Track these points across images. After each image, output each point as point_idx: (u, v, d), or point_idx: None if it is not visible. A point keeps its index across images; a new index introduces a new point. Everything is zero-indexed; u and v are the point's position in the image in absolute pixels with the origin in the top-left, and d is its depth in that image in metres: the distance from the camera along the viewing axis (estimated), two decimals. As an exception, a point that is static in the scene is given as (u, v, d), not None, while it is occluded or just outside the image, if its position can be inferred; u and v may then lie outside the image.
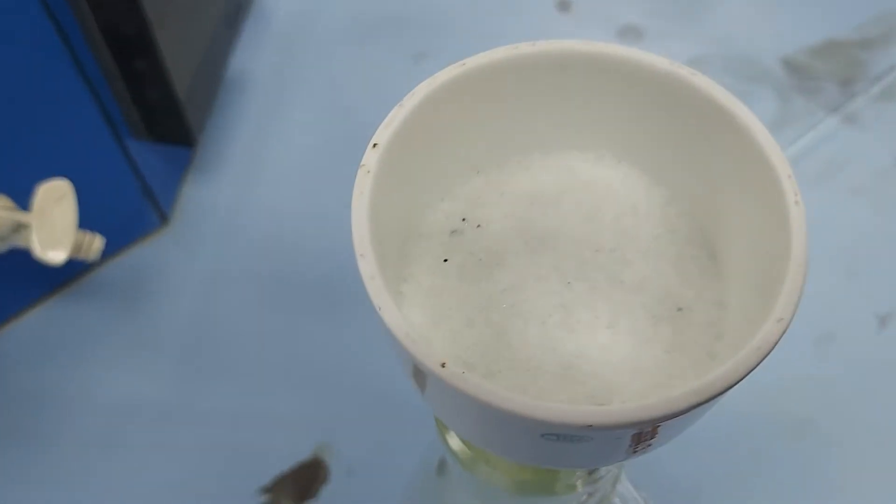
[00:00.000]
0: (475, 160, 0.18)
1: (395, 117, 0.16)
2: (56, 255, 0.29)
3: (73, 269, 0.41)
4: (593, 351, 0.16)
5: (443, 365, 0.13)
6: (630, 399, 0.15)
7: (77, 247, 0.30)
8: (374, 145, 0.15)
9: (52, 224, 0.29)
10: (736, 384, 0.13)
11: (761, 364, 0.16)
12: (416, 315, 0.16)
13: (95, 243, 0.31)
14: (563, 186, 0.18)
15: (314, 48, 0.49)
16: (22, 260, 0.37)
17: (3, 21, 0.30)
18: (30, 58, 0.31)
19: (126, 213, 0.40)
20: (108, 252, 0.41)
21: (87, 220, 0.38)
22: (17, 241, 0.30)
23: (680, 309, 0.16)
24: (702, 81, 0.16)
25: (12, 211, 0.29)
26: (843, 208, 0.44)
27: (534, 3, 0.51)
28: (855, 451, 0.37)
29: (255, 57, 0.48)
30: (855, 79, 0.48)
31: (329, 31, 0.49)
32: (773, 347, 0.13)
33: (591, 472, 0.19)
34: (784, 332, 0.14)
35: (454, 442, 0.21)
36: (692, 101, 0.17)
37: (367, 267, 0.14)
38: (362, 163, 0.15)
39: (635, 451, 0.14)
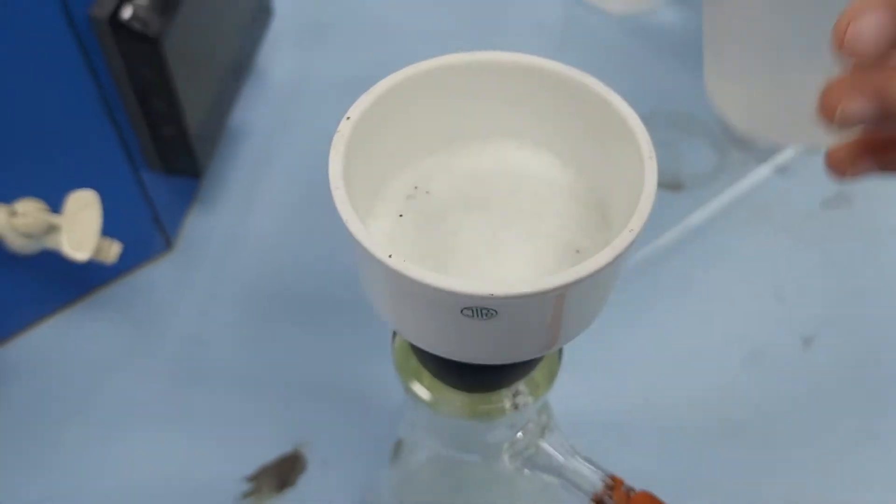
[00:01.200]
0: (427, 143, 0.23)
1: (365, 100, 0.21)
2: (81, 254, 0.34)
3: (85, 286, 0.45)
4: (511, 276, 0.21)
5: (389, 256, 0.18)
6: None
7: (98, 249, 0.36)
8: (348, 118, 0.21)
9: (79, 227, 0.34)
10: (595, 272, 0.18)
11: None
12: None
13: (113, 248, 0.36)
14: (496, 166, 0.24)
15: (305, 103, 0.55)
16: (41, 275, 0.42)
17: (46, 62, 0.36)
18: (65, 95, 0.37)
19: (136, 236, 0.45)
20: (118, 271, 0.46)
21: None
22: (48, 243, 0.35)
23: (577, 251, 0.22)
24: (592, 81, 0.22)
25: (46, 213, 0.34)
26: (774, 245, 0.49)
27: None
28: (779, 454, 0.42)
29: (254, 110, 0.54)
30: (784, 135, 0.54)
31: (318, 89, 0.56)
32: (624, 248, 0.18)
33: (515, 395, 0.24)
34: (633, 240, 0.19)
35: (418, 387, 0.26)
36: (588, 98, 0.22)
37: (339, 194, 0.19)
38: (338, 129, 0.20)
39: (550, 335, 0.19)
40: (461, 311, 0.18)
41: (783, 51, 0.32)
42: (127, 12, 0.36)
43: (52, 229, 0.34)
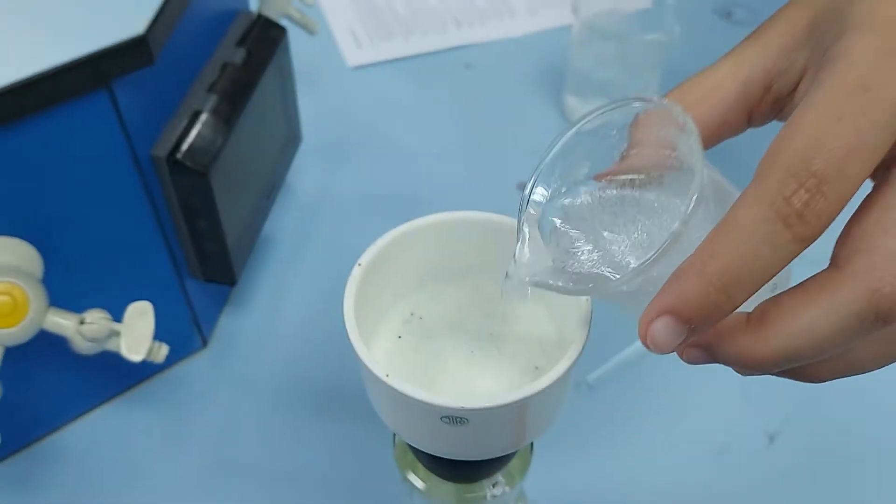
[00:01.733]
0: (421, 279, 0.30)
1: (372, 249, 0.28)
2: (136, 356, 0.41)
3: (131, 380, 0.52)
4: (482, 390, 0.27)
5: (386, 375, 0.24)
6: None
7: (149, 351, 0.42)
8: (359, 265, 0.27)
9: (136, 333, 0.41)
10: (547, 388, 0.24)
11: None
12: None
13: (162, 350, 0.43)
14: (473, 296, 0.30)
15: (327, 215, 0.62)
16: (95, 371, 0.49)
17: (115, 192, 0.43)
18: (129, 219, 0.44)
19: (178, 336, 0.52)
20: (160, 367, 0.53)
21: (149, 340, 0.50)
22: (108, 346, 0.41)
23: (536, 368, 0.28)
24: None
25: (110, 321, 0.40)
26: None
27: (501, 187, 0.64)
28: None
29: (282, 221, 0.61)
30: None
31: (339, 203, 0.63)
32: (566, 371, 0.24)
33: (494, 485, 0.30)
34: (572, 364, 0.25)
35: (413, 478, 0.32)
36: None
37: (351, 325, 0.25)
38: (351, 274, 0.27)
39: (516, 435, 0.25)
40: (440, 419, 0.24)
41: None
42: (181, 152, 0.43)
43: (113, 334, 0.41)
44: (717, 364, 0.53)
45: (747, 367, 0.24)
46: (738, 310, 0.23)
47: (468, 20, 0.77)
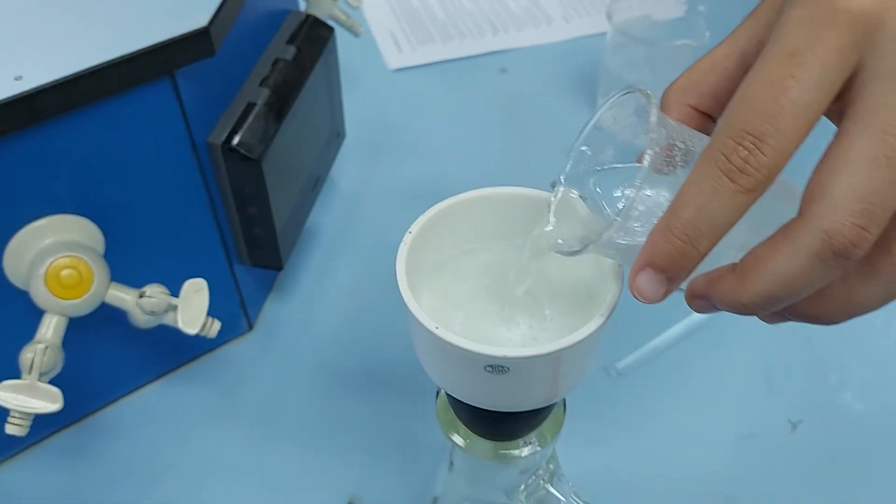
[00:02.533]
0: (463, 245, 0.32)
1: (421, 219, 0.30)
2: (192, 329, 0.43)
3: (181, 358, 0.55)
4: (519, 342, 0.29)
5: (436, 327, 0.26)
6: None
7: (204, 325, 0.45)
8: (410, 232, 0.30)
9: (192, 307, 0.44)
10: (578, 342, 0.26)
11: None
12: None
13: (215, 325, 0.45)
14: (508, 262, 0.32)
15: (367, 208, 0.65)
16: (147, 349, 0.52)
17: (173, 177, 0.46)
18: (185, 203, 0.47)
19: (226, 318, 0.54)
20: (208, 348, 0.55)
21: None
22: (165, 320, 0.44)
23: (571, 324, 0.30)
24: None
25: (168, 296, 0.43)
26: (765, 338, 0.57)
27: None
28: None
29: (324, 213, 0.64)
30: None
31: (379, 198, 0.66)
32: (597, 328, 0.27)
33: (527, 444, 0.32)
34: (603, 324, 0.27)
35: (456, 437, 0.34)
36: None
37: (403, 285, 0.28)
38: (403, 240, 0.30)
39: (551, 387, 0.27)
40: (484, 368, 0.26)
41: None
42: (236, 140, 0.46)
43: (170, 308, 0.43)
44: (741, 355, 0.55)
45: (737, 310, 0.27)
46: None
47: (504, 26, 0.80)
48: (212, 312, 0.52)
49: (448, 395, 0.32)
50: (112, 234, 0.44)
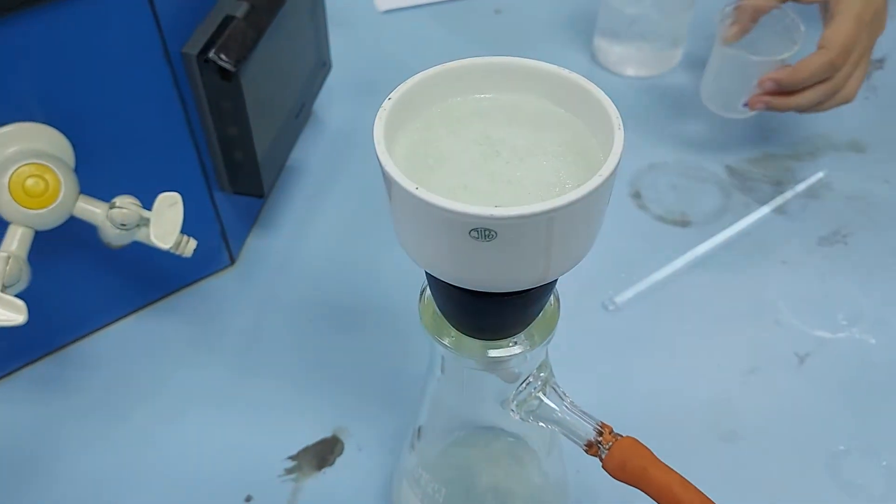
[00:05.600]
0: (444, 119, 0.29)
1: (401, 88, 0.28)
2: (165, 244, 0.41)
3: (159, 292, 0.52)
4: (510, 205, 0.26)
5: (416, 188, 0.24)
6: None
7: (178, 243, 0.42)
8: (389, 98, 0.27)
9: (165, 222, 0.41)
10: (575, 201, 0.23)
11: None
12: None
13: (190, 244, 0.43)
14: (506, 115, 0.29)
15: (355, 148, 0.62)
16: (124, 281, 0.49)
17: (145, 89, 0.43)
18: (159, 119, 0.45)
19: (206, 250, 0.52)
20: (187, 281, 0.53)
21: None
22: (138, 235, 0.42)
23: (564, 189, 0.27)
24: (579, 77, 0.28)
25: (139, 207, 0.41)
26: (773, 274, 0.54)
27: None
28: (771, 456, 0.46)
29: (310, 151, 0.61)
30: (785, 181, 0.60)
31: (367, 138, 0.63)
32: (597, 187, 0.24)
33: (516, 343, 0.30)
34: (604, 182, 0.24)
35: (445, 340, 0.31)
36: (572, 87, 0.28)
37: (381, 149, 0.25)
38: (382, 106, 0.27)
39: (543, 262, 0.25)
40: (469, 233, 0.24)
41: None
42: (213, 50, 0.44)
43: (142, 222, 0.41)
44: (746, 289, 0.54)
45: (785, 86, 0.56)
46: None
47: (498, -33, 0.77)
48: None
49: (433, 287, 0.30)
50: (82, 147, 0.42)
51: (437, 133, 0.29)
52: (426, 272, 0.29)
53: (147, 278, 0.51)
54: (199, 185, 0.49)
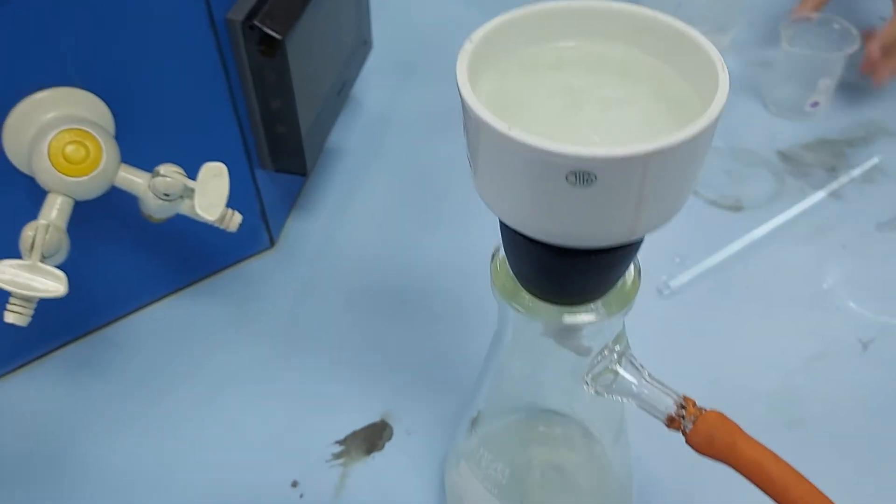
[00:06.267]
0: (525, 64, 0.27)
1: (482, 28, 0.26)
2: (210, 216, 0.39)
3: (199, 273, 0.50)
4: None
5: (509, 128, 0.22)
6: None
7: (223, 216, 0.41)
8: (470, 40, 0.26)
9: (210, 193, 0.39)
10: (678, 144, 0.22)
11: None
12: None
13: (236, 217, 0.41)
14: (595, 62, 0.27)
15: (394, 130, 0.61)
16: (163, 261, 0.48)
17: (188, 56, 0.42)
18: (201, 89, 0.43)
19: (246, 230, 0.50)
20: (227, 262, 0.51)
21: (214, 230, 0.48)
22: (181, 207, 0.40)
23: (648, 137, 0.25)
24: (671, 19, 0.26)
25: (184, 176, 0.39)
26: (832, 258, 0.52)
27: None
28: (839, 444, 0.43)
29: (350, 133, 0.60)
30: (839, 167, 0.58)
31: (406, 119, 0.61)
32: (702, 129, 0.22)
33: (592, 311, 0.28)
34: (709, 125, 0.22)
35: (515, 304, 0.29)
36: (667, 31, 0.26)
37: (466, 90, 0.24)
38: (463, 47, 0.25)
39: (635, 214, 0.23)
40: (566, 177, 0.22)
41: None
42: (259, 17, 0.42)
43: (186, 193, 0.39)
44: (806, 274, 0.52)
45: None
46: None
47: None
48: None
49: (509, 246, 0.28)
50: (121, 115, 0.40)
51: (515, 83, 0.27)
52: (502, 228, 0.28)
53: (186, 259, 0.49)
54: (240, 162, 0.47)
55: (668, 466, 0.42)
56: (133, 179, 0.39)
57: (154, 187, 0.39)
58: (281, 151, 0.48)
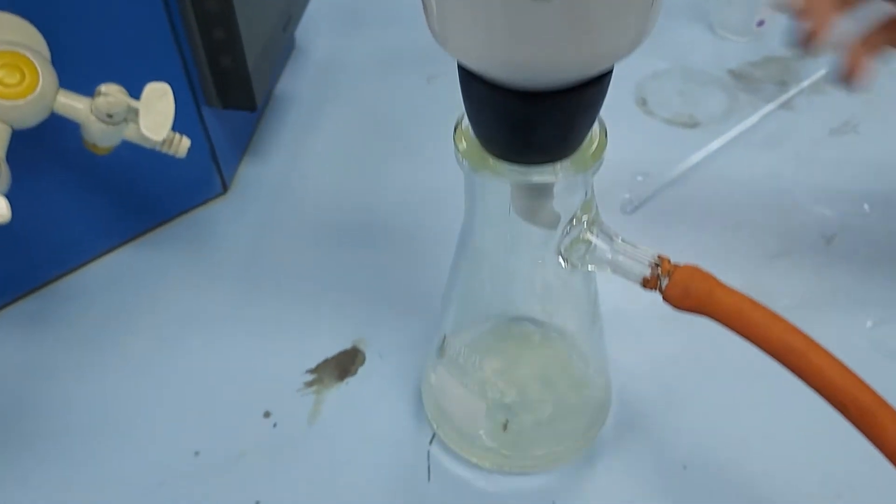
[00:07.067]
0: None
1: None
2: (157, 136, 0.38)
3: (150, 221, 0.49)
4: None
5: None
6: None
7: (170, 140, 0.39)
8: None
9: (155, 113, 0.38)
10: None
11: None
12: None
13: (184, 142, 0.40)
14: None
15: (345, 73, 0.60)
16: (113, 209, 0.46)
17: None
18: (140, 21, 0.42)
19: (197, 173, 0.49)
20: (179, 209, 0.50)
21: (164, 175, 0.47)
22: (126, 132, 0.38)
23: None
24: None
25: (126, 96, 0.38)
26: (786, 165, 0.52)
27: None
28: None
29: (297, 81, 0.59)
30: (789, 81, 0.58)
31: (354, 64, 0.60)
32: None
33: (561, 170, 0.27)
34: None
35: (462, 145, 0.29)
36: None
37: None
38: None
39: (592, 44, 0.22)
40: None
41: None
42: (195, -61, 0.41)
43: (130, 114, 0.38)
44: (766, 182, 0.51)
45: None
46: None
47: None
48: (181, 164, 0.47)
49: (471, 101, 0.27)
50: (55, 44, 0.39)
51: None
52: (464, 84, 0.27)
53: (136, 207, 0.48)
54: (186, 100, 0.46)
55: (646, 365, 0.42)
56: (74, 105, 0.37)
57: (96, 108, 0.37)
58: (227, 86, 0.47)
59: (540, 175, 0.28)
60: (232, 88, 0.47)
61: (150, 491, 0.37)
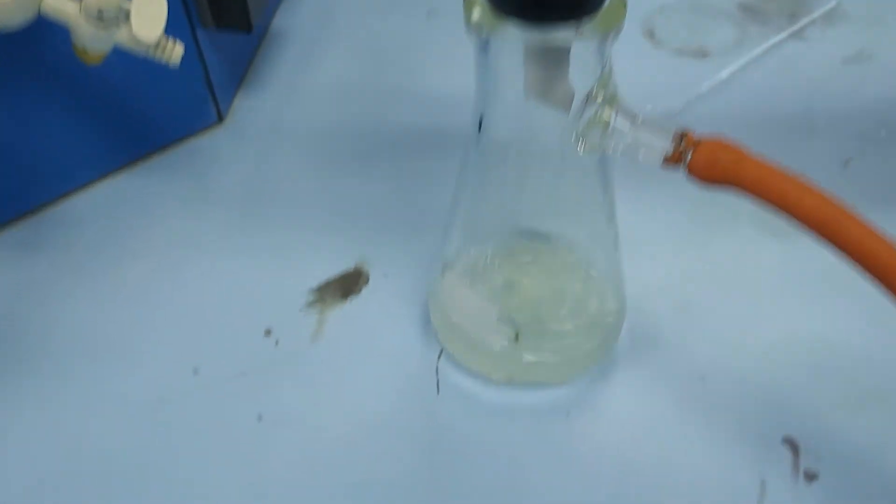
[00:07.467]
0: None
1: None
2: (150, 36, 0.36)
3: (143, 149, 0.47)
4: None
5: None
6: None
7: (163, 45, 0.37)
8: None
9: (147, 15, 0.36)
10: None
11: None
12: None
13: (177, 48, 0.38)
14: None
15: (343, 8, 0.58)
16: (106, 136, 0.44)
17: None
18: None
19: (191, 100, 0.47)
20: (173, 137, 0.48)
21: (157, 100, 0.45)
22: (119, 36, 0.37)
23: None
24: None
25: (118, -4, 0.36)
26: (804, 90, 0.51)
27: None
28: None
29: (294, 17, 0.57)
30: (800, 13, 0.57)
31: (357, 2, 0.59)
32: None
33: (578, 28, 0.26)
34: None
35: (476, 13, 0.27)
36: None
37: None
38: None
39: None
40: None
41: None
42: None
43: (122, 16, 0.36)
44: (781, 108, 0.49)
45: None
46: None
47: None
48: (176, 90, 0.46)
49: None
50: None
51: None
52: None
53: (129, 133, 0.46)
54: (181, 22, 0.44)
55: (661, 281, 0.40)
56: (62, 7, 0.36)
57: (87, 7, 0.35)
58: (222, 5, 0.45)
59: (560, 33, 0.27)
60: (227, 7, 0.45)
61: (148, 406, 0.36)
